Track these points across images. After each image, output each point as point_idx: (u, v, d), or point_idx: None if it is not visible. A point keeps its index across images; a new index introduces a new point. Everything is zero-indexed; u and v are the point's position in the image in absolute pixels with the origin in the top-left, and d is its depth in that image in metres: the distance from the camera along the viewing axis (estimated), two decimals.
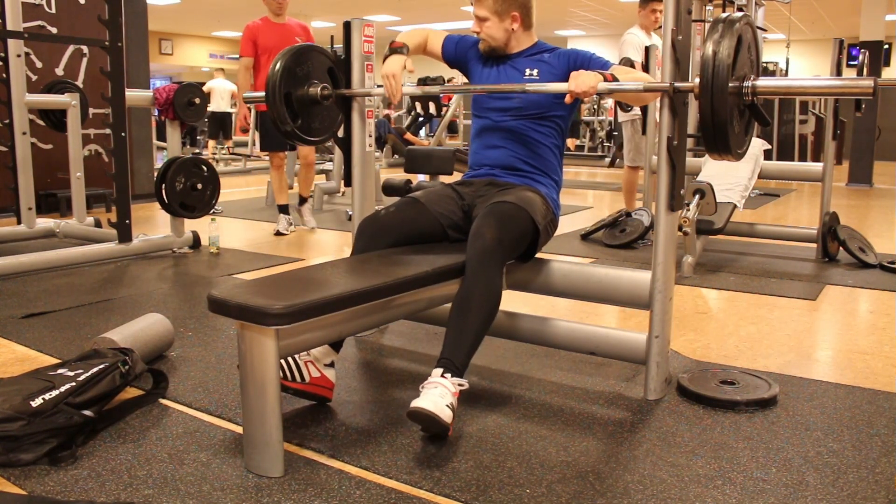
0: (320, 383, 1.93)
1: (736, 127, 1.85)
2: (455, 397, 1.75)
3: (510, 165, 2.29)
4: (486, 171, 2.32)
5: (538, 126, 2.28)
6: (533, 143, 2.28)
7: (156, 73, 16.82)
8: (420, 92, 2.31)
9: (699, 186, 3.69)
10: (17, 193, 4.28)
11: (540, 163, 2.29)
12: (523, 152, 2.28)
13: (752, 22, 1.89)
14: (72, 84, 4.80)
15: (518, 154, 2.28)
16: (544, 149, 2.29)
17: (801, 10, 12.05)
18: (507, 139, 2.30)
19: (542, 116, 2.27)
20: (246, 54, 4.61)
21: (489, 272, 1.91)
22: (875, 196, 7.56)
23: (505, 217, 2.00)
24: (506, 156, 2.30)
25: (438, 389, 1.72)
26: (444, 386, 1.73)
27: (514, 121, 2.28)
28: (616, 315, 2.98)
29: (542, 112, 2.26)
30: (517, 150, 2.29)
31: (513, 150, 2.29)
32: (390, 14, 14.53)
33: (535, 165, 2.28)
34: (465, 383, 1.79)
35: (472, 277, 1.92)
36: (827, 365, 2.40)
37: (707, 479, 1.59)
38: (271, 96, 2.33)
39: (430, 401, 1.69)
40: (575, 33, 17.38)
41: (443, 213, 2.21)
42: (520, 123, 2.28)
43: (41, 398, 1.68)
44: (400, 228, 2.15)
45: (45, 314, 2.85)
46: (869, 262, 3.88)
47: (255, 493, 1.51)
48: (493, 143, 2.33)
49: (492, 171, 2.32)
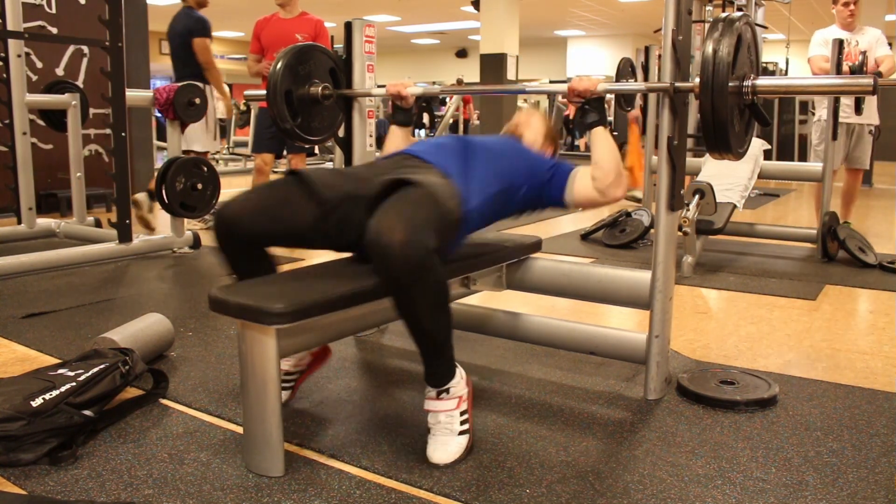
0: (316, 359, 2.00)
1: (736, 126, 1.85)
2: (462, 404, 1.68)
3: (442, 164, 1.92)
4: (409, 153, 1.97)
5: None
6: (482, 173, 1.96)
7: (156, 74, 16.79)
8: (420, 91, 2.30)
9: (699, 186, 3.69)
10: (17, 193, 4.29)
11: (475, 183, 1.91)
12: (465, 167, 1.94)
13: (752, 22, 1.89)
14: (72, 84, 4.79)
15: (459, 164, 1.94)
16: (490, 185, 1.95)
17: (801, 10, 12.04)
18: (460, 152, 2.00)
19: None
20: (251, 51, 4.61)
21: (418, 279, 1.50)
22: (875, 196, 7.56)
23: (411, 202, 1.59)
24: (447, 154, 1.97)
25: (442, 422, 1.65)
26: (446, 411, 1.66)
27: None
28: (616, 315, 2.98)
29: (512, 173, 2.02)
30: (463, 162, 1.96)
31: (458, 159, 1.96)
32: (390, 14, 14.54)
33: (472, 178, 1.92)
34: (460, 380, 1.69)
35: (400, 295, 1.54)
36: (827, 365, 2.40)
37: (707, 479, 1.59)
38: (272, 94, 2.33)
39: (440, 452, 1.63)
40: (575, 33, 17.40)
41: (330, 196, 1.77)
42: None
43: (41, 398, 1.68)
44: (258, 221, 1.72)
45: (45, 314, 2.85)
46: (869, 262, 3.88)
47: (255, 493, 1.51)
48: (442, 144, 2.05)
49: (416, 153, 1.96)
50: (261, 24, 4.59)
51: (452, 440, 1.65)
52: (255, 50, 4.60)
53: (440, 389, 1.66)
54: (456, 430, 1.66)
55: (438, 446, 1.64)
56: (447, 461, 1.63)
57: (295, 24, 4.56)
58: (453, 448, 1.64)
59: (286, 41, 4.36)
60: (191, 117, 4.13)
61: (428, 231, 1.51)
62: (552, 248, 4.26)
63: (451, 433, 1.65)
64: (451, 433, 1.65)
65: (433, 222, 1.57)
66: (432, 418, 1.66)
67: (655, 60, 4.70)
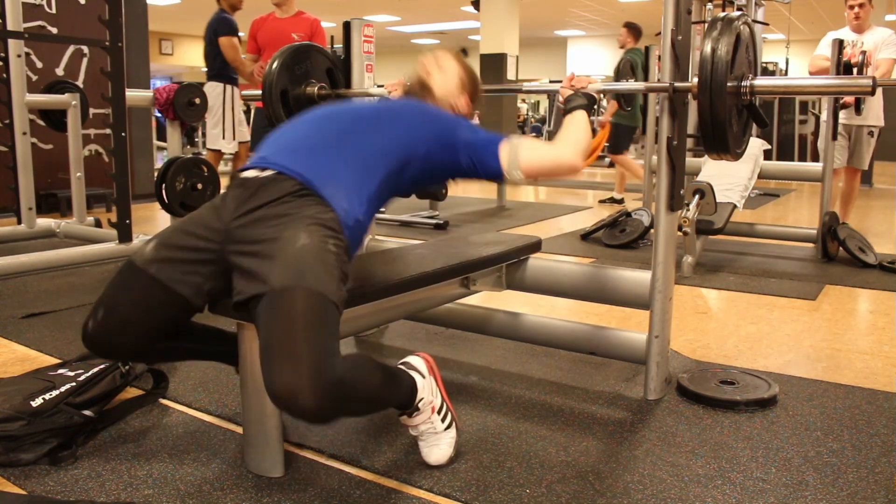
0: None
1: (734, 126, 1.85)
2: (435, 405, 1.63)
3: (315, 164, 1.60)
4: (271, 162, 1.59)
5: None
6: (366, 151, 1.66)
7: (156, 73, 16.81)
8: None
9: (699, 186, 3.69)
10: (17, 193, 4.28)
11: (360, 171, 1.63)
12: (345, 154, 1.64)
13: (751, 22, 1.89)
14: (72, 84, 4.79)
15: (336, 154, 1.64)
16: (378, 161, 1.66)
17: (801, 10, 12.04)
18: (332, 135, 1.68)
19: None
20: (248, 51, 4.61)
21: (344, 413, 1.40)
22: (875, 196, 7.56)
23: (290, 333, 1.30)
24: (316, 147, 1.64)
25: (425, 430, 1.62)
26: (424, 421, 1.61)
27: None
28: (616, 315, 2.98)
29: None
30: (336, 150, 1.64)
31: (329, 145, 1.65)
32: (390, 14, 14.53)
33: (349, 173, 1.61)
34: (423, 385, 1.61)
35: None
36: (827, 365, 2.40)
37: (707, 479, 1.59)
38: (268, 93, 2.33)
39: (434, 453, 1.63)
40: (575, 33, 17.39)
41: (185, 279, 1.51)
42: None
43: (41, 398, 1.68)
44: (129, 333, 1.52)
45: (45, 314, 2.85)
46: (869, 262, 3.88)
47: (255, 493, 1.51)
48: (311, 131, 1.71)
49: (280, 163, 1.58)
50: (257, 24, 4.58)
51: (442, 439, 1.65)
52: (253, 50, 4.60)
53: (410, 411, 1.61)
54: (440, 429, 1.64)
55: (431, 449, 1.64)
56: (444, 460, 1.63)
57: (291, 23, 4.53)
58: (445, 445, 1.64)
59: (282, 40, 4.34)
60: (191, 117, 4.13)
61: (328, 358, 1.30)
62: (552, 248, 4.26)
63: (437, 433, 1.64)
64: (436, 433, 1.64)
65: (328, 325, 1.35)
66: (413, 430, 1.64)
67: (655, 60, 4.70)
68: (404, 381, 1.59)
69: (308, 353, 1.28)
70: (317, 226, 1.47)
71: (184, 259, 1.52)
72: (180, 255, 1.52)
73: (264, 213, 1.50)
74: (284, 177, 1.55)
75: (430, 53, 1.97)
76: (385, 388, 1.50)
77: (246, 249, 1.47)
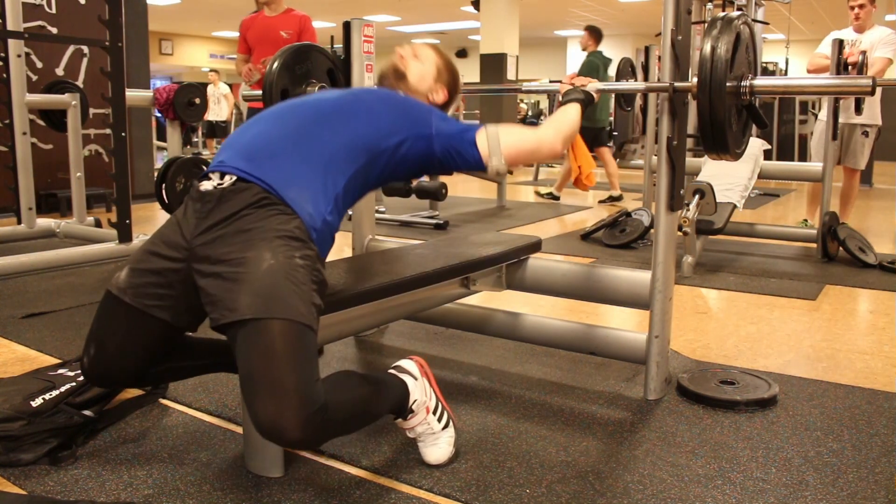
0: None
1: (734, 126, 1.85)
2: (430, 407, 1.63)
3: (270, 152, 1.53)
4: (230, 167, 1.50)
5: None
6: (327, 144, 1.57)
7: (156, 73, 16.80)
8: None
9: (699, 186, 3.69)
10: (17, 193, 4.29)
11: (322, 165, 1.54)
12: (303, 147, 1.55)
13: (751, 22, 1.89)
14: (72, 84, 4.80)
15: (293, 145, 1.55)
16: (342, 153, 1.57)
17: (801, 10, 12.05)
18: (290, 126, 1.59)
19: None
20: (239, 51, 4.55)
21: (331, 436, 1.42)
22: (875, 196, 7.56)
23: (268, 366, 1.29)
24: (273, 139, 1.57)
25: (422, 431, 1.62)
26: (420, 423, 1.61)
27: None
28: (616, 315, 2.98)
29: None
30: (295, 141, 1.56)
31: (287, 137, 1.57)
32: (390, 14, 14.54)
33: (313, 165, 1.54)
34: (415, 386, 1.61)
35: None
36: (827, 365, 2.40)
37: (707, 479, 1.59)
38: (268, 92, 2.33)
39: (434, 453, 1.63)
40: (575, 33, 17.39)
41: (160, 303, 1.48)
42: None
43: (41, 398, 1.68)
44: (125, 365, 1.52)
45: (45, 314, 2.85)
46: (869, 262, 3.88)
47: (255, 493, 1.51)
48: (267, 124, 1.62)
49: (238, 167, 1.50)
50: (246, 24, 4.51)
51: (440, 438, 1.65)
52: (244, 50, 4.51)
53: (405, 414, 1.61)
54: (438, 429, 1.64)
55: (430, 448, 1.64)
56: (444, 459, 1.63)
57: (279, 21, 4.45)
58: (444, 444, 1.64)
59: (271, 39, 4.32)
60: (191, 117, 4.13)
61: (309, 387, 1.29)
62: (552, 248, 4.26)
63: (435, 433, 1.64)
64: (434, 433, 1.64)
65: (305, 352, 1.33)
66: (411, 433, 1.64)
67: (655, 60, 4.70)
68: (394, 386, 1.57)
69: (289, 385, 1.26)
70: (281, 239, 1.41)
71: (153, 283, 1.47)
72: (149, 280, 1.47)
73: (225, 230, 1.43)
74: (244, 184, 1.47)
75: (407, 44, 1.91)
76: (373, 401, 1.48)
77: (210, 270, 1.41)
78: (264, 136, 1.58)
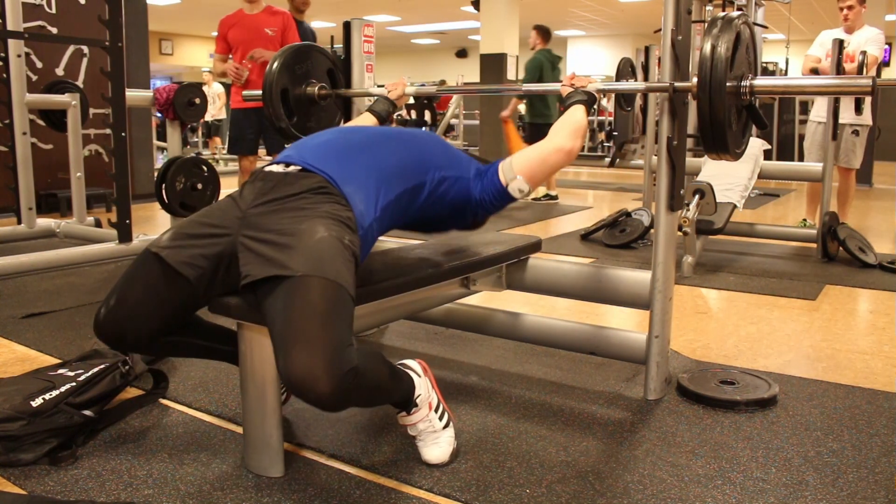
0: None
1: (734, 126, 1.85)
2: (433, 403, 1.65)
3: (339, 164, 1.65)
4: (296, 159, 1.65)
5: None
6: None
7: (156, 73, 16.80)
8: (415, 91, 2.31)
9: (699, 186, 3.69)
10: (17, 193, 4.28)
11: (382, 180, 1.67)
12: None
13: (750, 22, 1.89)
14: (72, 84, 4.79)
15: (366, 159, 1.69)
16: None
17: (801, 10, 12.05)
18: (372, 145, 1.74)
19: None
20: (219, 51, 4.40)
21: (355, 400, 1.43)
22: (875, 196, 7.56)
23: (309, 319, 1.34)
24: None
25: (423, 428, 1.63)
26: (422, 419, 1.62)
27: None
28: (616, 315, 2.98)
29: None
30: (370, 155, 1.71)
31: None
32: (390, 14, 14.53)
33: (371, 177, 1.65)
34: (420, 382, 1.64)
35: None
36: (827, 365, 2.40)
37: (707, 479, 1.59)
38: (268, 92, 2.33)
39: (435, 451, 1.63)
40: (575, 33, 17.39)
41: (192, 262, 1.53)
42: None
43: (41, 398, 1.68)
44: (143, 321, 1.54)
45: (45, 314, 2.85)
46: (869, 262, 3.88)
47: (255, 493, 1.51)
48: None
49: (304, 160, 1.64)
50: (228, 22, 4.31)
51: (441, 437, 1.65)
52: (223, 49, 4.37)
53: (409, 407, 1.62)
54: (439, 427, 1.65)
55: (431, 447, 1.64)
56: (445, 458, 1.63)
57: (262, 19, 4.37)
58: (445, 443, 1.65)
59: (256, 37, 4.27)
60: (191, 117, 4.13)
61: (344, 348, 1.33)
62: (552, 248, 4.26)
63: (436, 431, 1.65)
64: (435, 432, 1.65)
65: (345, 315, 1.39)
66: (412, 430, 1.65)
67: (655, 60, 4.70)
68: (404, 378, 1.61)
69: (327, 339, 1.31)
70: (334, 220, 1.50)
71: (194, 244, 1.54)
72: (191, 242, 1.55)
73: (282, 205, 1.53)
74: (307, 173, 1.60)
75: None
76: (391, 382, 1.54)
77: (261, 236, 1.49)
78: (331, 143, 1.73)
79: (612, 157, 9.64)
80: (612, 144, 10.64)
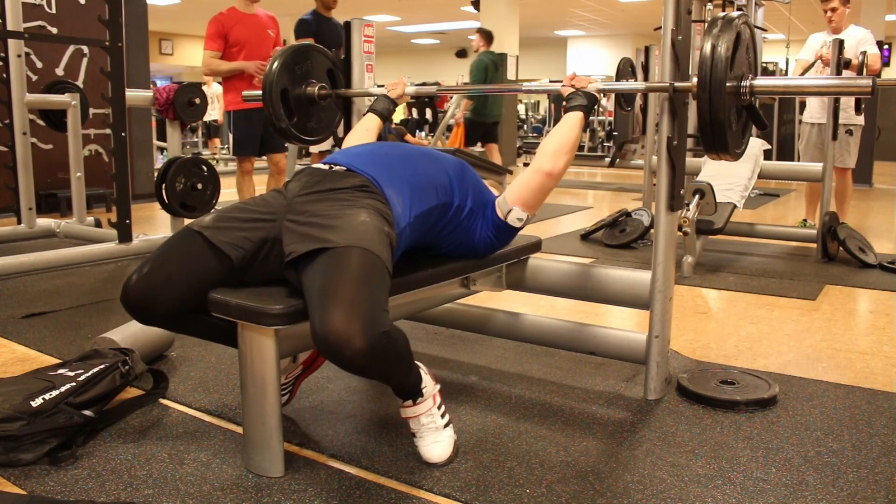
0: (308, 365, 1.95)
1: (734, 126, 1.85)
2: (437, 398, 1.67)
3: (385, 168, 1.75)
4: (342, 162, 1.75)
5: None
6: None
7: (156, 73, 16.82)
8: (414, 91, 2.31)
9: (699, 186, 3.69)
10: (17, 193, 4.29)
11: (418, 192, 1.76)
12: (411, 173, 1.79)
13: (750, 22, 1.89)
14: (72, 84, 4.79)
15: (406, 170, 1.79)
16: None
17: (801, 10, 12.04)
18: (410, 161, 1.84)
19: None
20: (214, 49, 4.25)
21: (382, 365, 1.45)
22: (875, 196, 7.56)
23: (349, 281, 1.40)
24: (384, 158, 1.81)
25: (426, 423, 1.64)
26: (426, 412, 1.64)
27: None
28: (616, 315, 2.98)
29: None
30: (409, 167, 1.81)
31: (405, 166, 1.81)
32: (390, 14, 14.53)
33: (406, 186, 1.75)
34: (426, 376, 1.67)
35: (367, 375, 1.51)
36: (827, 365, 2.40)
37: (707, 479, 1.59)
38: (268, 92, 2.33)
39: (436, 449, 1.63)
40: (575, 33, 17.40)
41: (235, 243, 1.60)
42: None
43: (41, 398, 1.68)
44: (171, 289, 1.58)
45: (45, 314, 2.85)
46: (869, 262, 3.88)
47: (255, 493, 1.51)
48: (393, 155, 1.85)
49: (349, 163, 1.74)
50: (230, 21, 4.22)
51: (442, 435, 1.65)
52: (219, 47, 4.25)
53: (415, 397, 1.64)
54: (441, 425, 1.66)
55: (431, 445, 1.64)
56: (445, 457, 1.63)
57: (261, 19, 4.36)
58: (446, 442, 1.65)
59: (260, 37, 4.28)
60: (191, 117, 4.13)
61: (381, 311, 1.40)
62: (552, 248, 4.26)
63: (438, 429, 1.65)
64: (437, 429, 1.65)
65: (379, 286, 1.45)
66: (414, 424, 1.65)
67: (655, 60, 4.70)
68: (415, 365, 1.64)
69: (365, 299, 1.38)
70: (376, 211, 1.60)
71: (239, 227, 1.61)
72: (236, 224, 1.62)
73: (328, 196, 1.62)
74: (352, 173, 1.70)
75: None
76: (411, 359, 1.57)
77: (304, 220, 1.56)
78: (374, 152, 1.83)
79: (612, 157, 9.65)
80: (612, 144, 10.64)
